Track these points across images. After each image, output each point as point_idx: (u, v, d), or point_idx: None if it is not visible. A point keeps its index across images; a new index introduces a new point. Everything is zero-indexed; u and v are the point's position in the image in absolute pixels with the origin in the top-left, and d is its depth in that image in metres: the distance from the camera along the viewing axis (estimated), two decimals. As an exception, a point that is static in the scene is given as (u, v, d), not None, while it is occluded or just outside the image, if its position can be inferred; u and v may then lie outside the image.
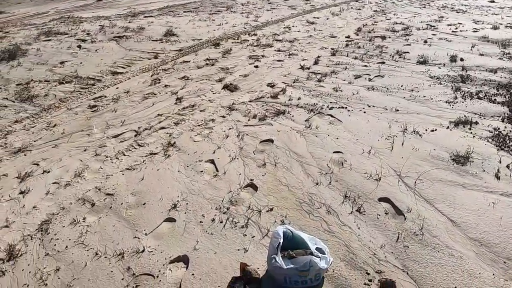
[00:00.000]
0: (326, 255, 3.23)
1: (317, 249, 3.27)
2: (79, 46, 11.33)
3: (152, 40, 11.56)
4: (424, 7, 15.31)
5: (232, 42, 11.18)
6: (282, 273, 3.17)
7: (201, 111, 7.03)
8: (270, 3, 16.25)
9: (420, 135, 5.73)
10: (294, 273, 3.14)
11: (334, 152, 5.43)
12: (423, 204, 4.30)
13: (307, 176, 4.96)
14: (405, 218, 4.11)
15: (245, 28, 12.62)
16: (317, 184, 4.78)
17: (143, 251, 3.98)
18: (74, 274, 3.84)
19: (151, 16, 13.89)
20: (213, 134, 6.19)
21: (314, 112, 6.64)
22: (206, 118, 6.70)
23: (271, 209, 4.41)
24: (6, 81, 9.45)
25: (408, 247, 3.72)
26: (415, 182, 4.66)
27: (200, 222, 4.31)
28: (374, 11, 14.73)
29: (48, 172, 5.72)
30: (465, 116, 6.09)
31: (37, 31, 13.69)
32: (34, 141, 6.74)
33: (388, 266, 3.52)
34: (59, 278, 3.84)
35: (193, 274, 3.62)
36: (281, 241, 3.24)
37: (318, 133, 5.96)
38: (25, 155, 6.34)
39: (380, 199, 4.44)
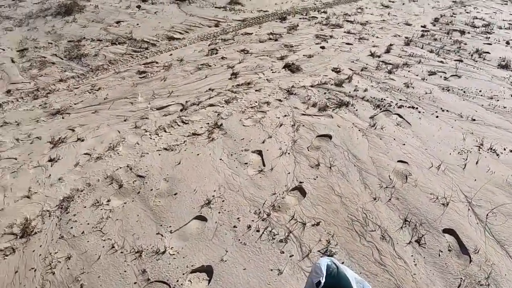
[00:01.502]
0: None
1: (364, 297, 2.76)
2: (139, 7, 11.13)
3: (216, 7, 11.18)
4: (506, 4, 14.04)
5: (300, 18, 10.58)
6: (317, 317, 2.71)
7: (256, 90, 6.57)
8: (344, -19, 15.60)
9: (497, 155, 5.06)
10: (332, 319, 2.67)
11: (398, 161, 4.84)
12: (494, 245, 3.69)
13: (364, 187, 4.42)
14: (470, 260, 3.53)
15: (315, 4, 11.97)
16: (375, 199, 4.24)
17: (164, 252, 3.62)
18: (85, 267, 3.54)
19: (218, -19, 13.46)
20: (265, 119, 5.73)
21: (380, 109, 6.04)
22: (261, 100, 6.25)
23: (318, 224, 3.91)
24: (59, 36, 9.36)
25: (471, 301, 3.16)
26: (487, 215, 4.04)
27: (234, 227, 3.89)
28: (453, 1, 13.63)
29: (82, 140, 5.49)
30: (552, 140, 5.32)
31: (99, -14, 13.59)
32: (75, 103, 6.56)
33: (446, 323, 2.99)
34: (68, 268, 3.56)
35: (214, 292, 3.24)
36: (323, 280, 2.76)
37: (382, 134, 5.39)
38: (63, 118, 6.16)
39: (445, 231, 3.85)
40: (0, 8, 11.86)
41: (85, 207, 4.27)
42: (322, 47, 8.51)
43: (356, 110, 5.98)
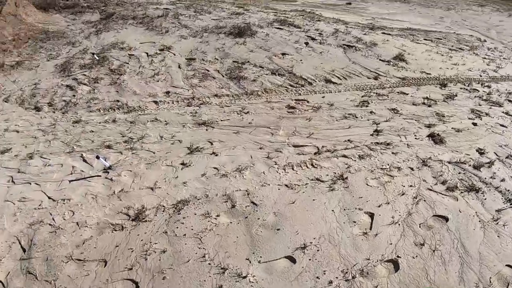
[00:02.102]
0: None
1: None
2: (306, 43, 11.75)
3: (380, 59, 11.41)
4: None
5: (461, 88, 10.22)
6: None
7: (393, 153, 6.69)
8: (518, 55, 14.67)
9: None
10: None
11: (506, 265, 4.67)
12: None
13: (459, 281, 4.37)
14: None
15: (480, 76, 11.39)
16: (464, 297, 4.17)
17: (245, 277, 4.02)
18: (173, 264, 4.13)
19: (389, 34, 13.81)
20: (390, 185, 5.84)
21: (511, 204, 5.80)
22: (393, 164, 6.37)
23: (396, 303, 3.99)
24: (225, 54, 10.39)
25: None
26: None
27: (317, 277, 4.13)
28: None
29: (216, 155, 6.17)
30: None
31: (274, 16, 14.63)
32: (221, 120, 7.31)
33: None
34: (159, 259, 4.21)
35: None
36: None
37: (502, 232, 5.20)
38: (206, 129, 6.92)
39: None
40: (181, 16, 13.52)
41: (195, 214, 4.87)
42: (474, 124, 8.23)
43: (485, 199, 5.81)
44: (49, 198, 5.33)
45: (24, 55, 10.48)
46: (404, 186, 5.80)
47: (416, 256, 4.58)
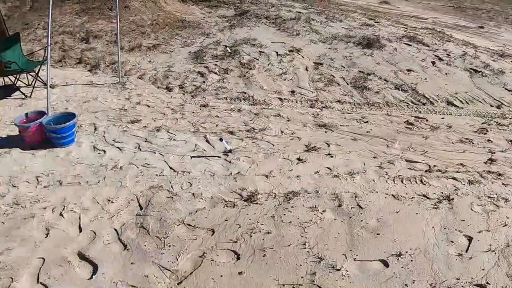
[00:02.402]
0: None
1: None
2: (433, 63, 11.51)
3: (505, 88, 10.67)
4: None
5: None
6: None
7: (503, 184, 6.36)
8: None
9: None
10: None
11: None
12: None
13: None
14: None
15: None
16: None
17: (338, 270, 4.26)
18: (274, 245, 4.51)
19: (520, 63, 12.82)
20: (494, 214, 5.64)
21: None
22: (501, 195, 6.09)
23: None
24: (352, 64, 10.61)
25: None
26: None
27: (405, 285, 4.22)
28: None
29: (331, 156, 6.48)
30: None
31: (404, 32, 14.35)
32: (341, 125, 7.61)
33: None
34: (263, 239, 4.61)
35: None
36: None
37: None
38: (325, 132, 7.26)
39: None
40: (313, 21, 13.97)
41: (303, 206, 5.22)
42: None
43: None
44: (170, 168, 5.98)
45: (161, 39, 11.53)
46: (508, 218, 5.61)
47: (506, 287, 4.52)
